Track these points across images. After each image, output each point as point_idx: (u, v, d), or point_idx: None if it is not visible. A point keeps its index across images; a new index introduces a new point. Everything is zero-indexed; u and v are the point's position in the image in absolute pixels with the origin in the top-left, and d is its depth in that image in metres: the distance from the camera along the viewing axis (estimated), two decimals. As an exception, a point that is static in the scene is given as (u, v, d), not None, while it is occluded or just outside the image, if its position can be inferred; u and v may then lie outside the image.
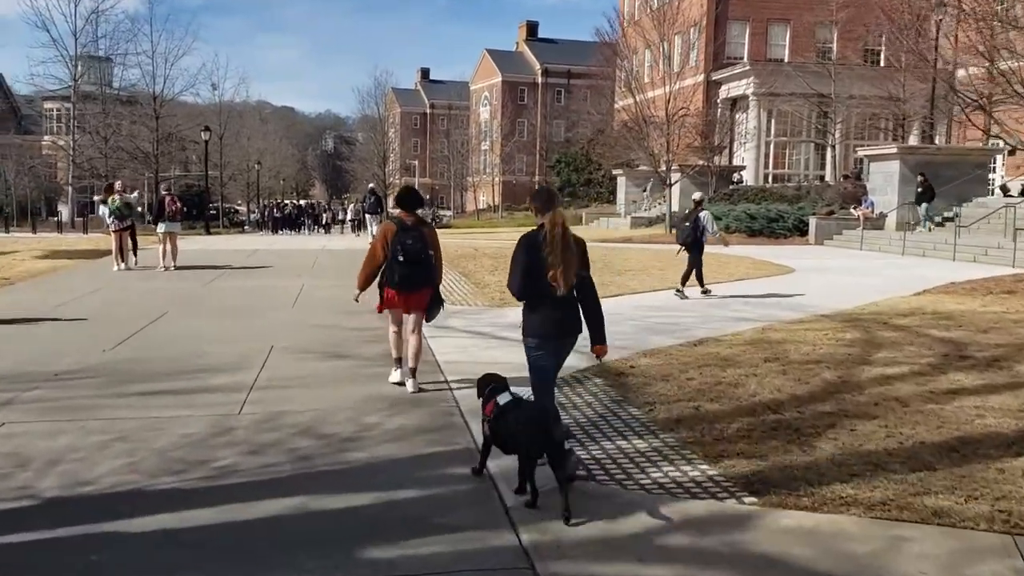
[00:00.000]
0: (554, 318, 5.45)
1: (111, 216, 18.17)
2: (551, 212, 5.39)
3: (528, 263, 5.35)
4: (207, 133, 41.78)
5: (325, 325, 11.33)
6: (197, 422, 6.63)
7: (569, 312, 5.49)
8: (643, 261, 21.19)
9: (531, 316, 5.53)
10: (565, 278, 5.29)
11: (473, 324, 11.19)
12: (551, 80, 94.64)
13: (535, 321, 5.51)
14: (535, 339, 5.56)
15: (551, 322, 5.47)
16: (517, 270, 5.42)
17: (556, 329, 5.50)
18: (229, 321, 11.69)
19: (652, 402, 7.20)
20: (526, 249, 5.40)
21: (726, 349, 9.53)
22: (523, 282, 5.40)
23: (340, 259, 21.80)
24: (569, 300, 5.44)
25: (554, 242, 5.27)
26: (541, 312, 5.47)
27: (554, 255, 5.26)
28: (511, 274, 5.51)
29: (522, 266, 5.38)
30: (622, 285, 15.82)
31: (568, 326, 5.55)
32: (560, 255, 5.27)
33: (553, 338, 5.55)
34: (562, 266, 5.27)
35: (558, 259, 5.26)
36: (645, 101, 33.87)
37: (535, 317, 5.51)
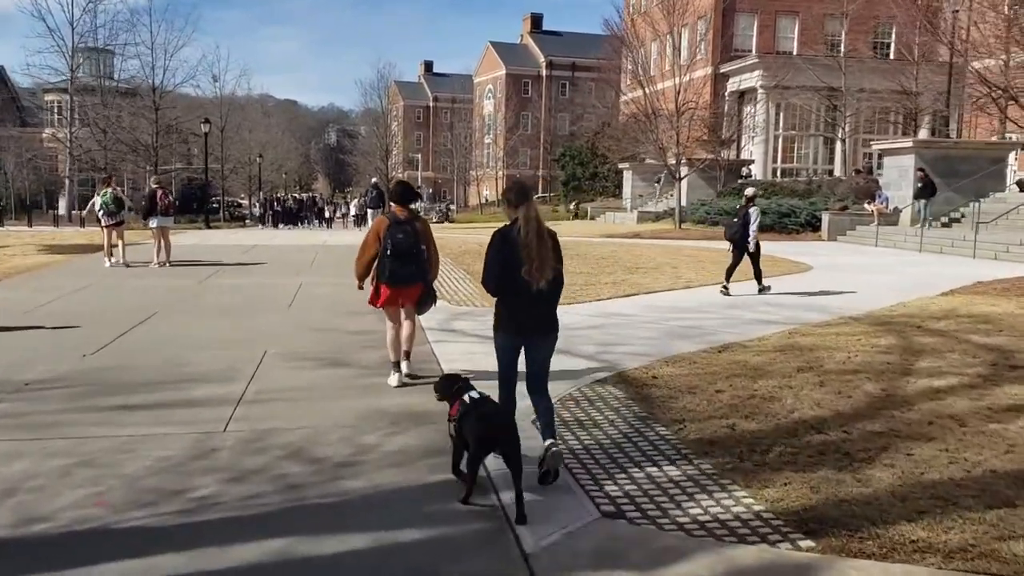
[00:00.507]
0: (529, 314, 5.31)
1: (100, 210, 17.46)
2: (525, 206, 5.27)
3: (503, 259, 5.23)
4: (207, 125, 41.04)
5: (322, 328, 10.64)
6: (176, 442, 5.95)
7: (545, 308, 5.35)
8: (654, 258, 20.48)
9: (504, 312, 5.40)
10: (542, 273, 5.18)
11: (480, 327, 10.47)
12: (555, 73, 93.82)
13: (508, 317, 5.38)
14: (506, 335, 5.44)
15: (525, 318, 5.33)
16: (492, 266, 5.31)
17: (528, 325, 5.37)
18: (221, 323, 11.01)
19: (681, 419, 6.50)
20: (500, 244, 5.28)
21: (754, 356, 8.83)
22: (499, 278, 5.29)
23: (340, 255, 21.08)
24: (544, 296, 5.29)
25: (529, 237, 5.16)
26: (515, 308, 5.33)
27: (529, 250, 5.14)
28: (485, 270, 5.38)
29: (497, 262, 5.26)
30: (636, 284, 15.11)
31: (544, 323, 5.40)
32: (536, 250, 5.16)
33: (523, 334, 5.41)
34: (538, 261, 5.16)
35: (534, 254, 5.15)
36: (654, 93, 33.05)
37: (508, 313, 5.37)
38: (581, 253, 21.68)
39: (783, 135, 49.32)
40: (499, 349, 5.52)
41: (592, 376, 7.97)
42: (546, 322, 5.41)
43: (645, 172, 50.79)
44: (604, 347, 9.39)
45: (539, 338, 5.45)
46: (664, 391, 7.39)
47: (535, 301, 5.27)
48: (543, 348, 5.51)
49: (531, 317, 5.32)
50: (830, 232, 29.56)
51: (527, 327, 5.37)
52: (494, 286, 5.36)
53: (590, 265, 18.36)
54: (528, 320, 5.33)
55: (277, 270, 17.64)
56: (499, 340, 5.49)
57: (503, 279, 5.27)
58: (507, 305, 5.37)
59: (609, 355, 8.97)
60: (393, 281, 7.50)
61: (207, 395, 7.23)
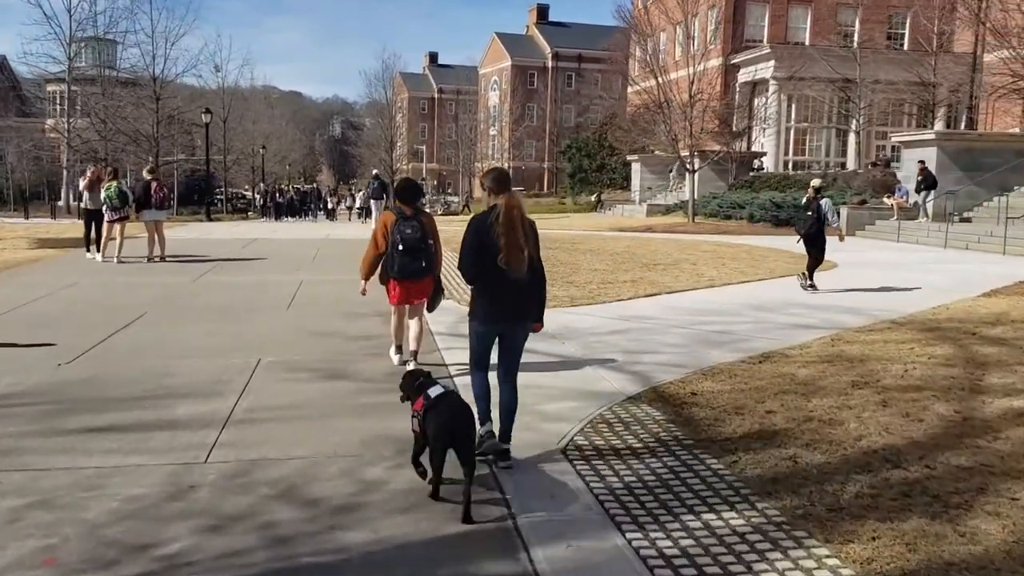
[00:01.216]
0: (504, 302, 5.28)
1: (103, 204, 16.60)
2: (505, 194, 5.25)
3: (478, 244, 5.22)
4: (208, 115, 40.10)
5: (323, 332, 9.79)
6: (149, 476, 5.11)
7: (520, 296, 5.30)
8: (671, 253, 19.60)
9: (480, 299, 5.37)
10: (517, 261, 5.15)
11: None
12: (562, 64, 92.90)
13: (483, 304, 5.36)
14: (480, 322, 5.40)
15: (500, 306, 5.31)
16: (468, 253, 5.30)
17: (504, 313, 5.33)
18: (213, 326, 10.15)
19: (733, 448, 5.64)
20: (476, 231, 5.26)
21: (800, 368, 7.96)
22: (474, 265, 5.28)
23: (344, 249, 20.23)
24: (520, 284, 5.25)
25: (506, 223, 5.13)
26: (490, 295, 5.31)
27: (506, 237, 5.12)
28: (461, 257, 5.36)
29: (473, 249, 5.25)
30: (656, 282, 14.23)
31: (518, 310, 5.36)
32: (512, 237, 5.13)
33: (499, 322, 5.37)
34: (513, 248, 5.13)
35: (510, 241, 5.12)
36: (667, 83, 32.11)
37: (483, 300, 5.35)
38: (594, 248, 20.81)
39: (795, 127, 48.36)
40: (473, 336, 5.49)
41: (623, 392, 7.11)
42: (520, 311, 5.35)
43: (654, 164, 49.86)
44: (631, 356, 8.53)
45: (513, 327, 5.41)
46: (707, 411, 6.52)
47: (510, 289, 5.22)
48: (517, 337, 5.46)
49: (505, 305, 5.28)
50: (848, 227, 28.58)
51: (501, 315, 5.33)
52: (470, 273, 5.33)
53: (605, 261, 17.49)
54: (502, 308, 5.30)
55: (277, 266, 16.79)
56: (473, 327, 5.46)
57: (478, 266, 5.24)
58: (481, 292, 5.34)
59: (638, 366, 8.12)
60: (403, 275, 7.50)
61: (190, 414, 6.38)
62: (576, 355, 8.60)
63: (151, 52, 44.16)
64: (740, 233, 28.68)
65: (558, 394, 7.01)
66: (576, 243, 22.50)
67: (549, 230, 29.71)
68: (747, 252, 20.34)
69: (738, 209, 34.92)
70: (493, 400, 5.49)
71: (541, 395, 6.95)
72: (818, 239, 13.67)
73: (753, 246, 22.32)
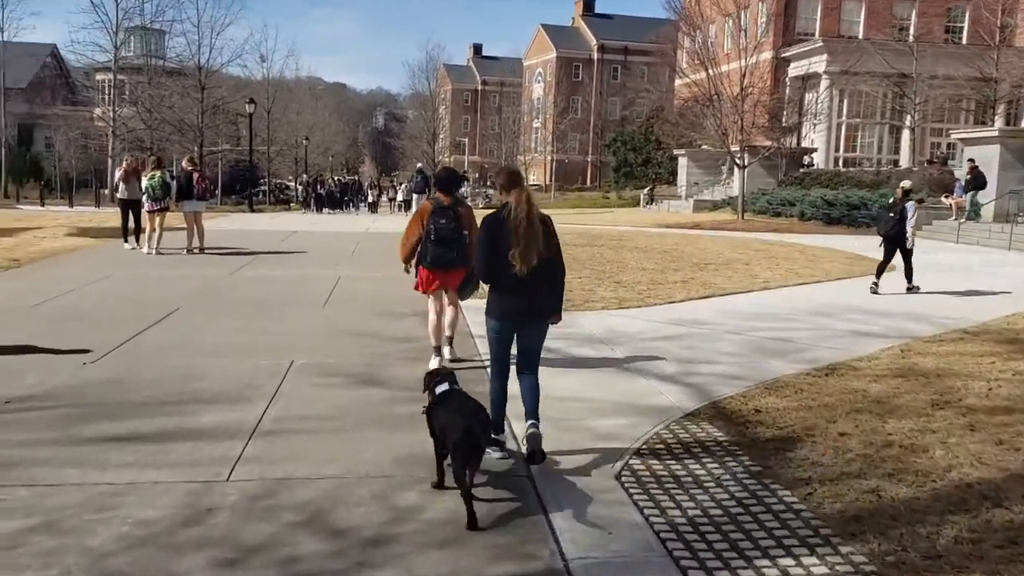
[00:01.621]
0: (518, 300, 5.22)
1: (144, 194, 16.36)
2: (517, 190, 5.23)
3: (492, 241, 5.18)
4: (251, 106, 40.01)
5: (360, 332, 9.34)
6: (164, 495, 4.68)
7: (534, 295, 5.23)
8: (721, 252, 18.93)
9: (494, 297, 5.33)
10: (527, 258, 5.09)
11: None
12: (607, 57, 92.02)
13: (497, 302, 5.31)
14: (495, 321, 5.34)
15: (514, 304, 5.25)
16: (481, 250, 5.27)
17: (518, 311, 5.26)
18: (247, 322, 9.76)
19: (807, 478, 5.07)
20: (489, 228, 5.25)
21: (870, 383, 7.34)
22: (488, 263, 5.22)
23: (384, 244, 19.83)
24: (535, 282, 5.19)
25: (519, 220, 5.11)
26: (504, 293, 5.26)
27: (517, 234, 5.10)
28: (475, 255, 5.39)
29: (486, 246, 5.22)
30: (707, 283, 13.61)
31: (534, 307, 5.28)
32: (524, 234, 5.10)
33: (515, 319, 5.30)
34: (524, 244, 5.09)
35: (521, 238, 5.09)
36: (718, 75, 31.26)
37: (497, 298, 5.31)
38: (641, 246, 20.19)
39: (846, 123, 47.16)
40: (490, 333, 5.43)
41: (680, 407, 6.56)
42: (536, 307, 5.28)
43: (702, 159, 48.99)
44: (686, 365, 7.96)
45: (529, 324, 5.35)
46: (774, 432, 5.95)
47: (524, 286, 5.17)
48: (534, 335, 5.39)
49: (519, 303, 5.22)
50: (904, 227, 27.65)
51: (516, 313, 5.27)
52: (483, 271, 5.29)
53: (654, 260, 16.88)
54: (517, 305, 5.24)
55: (316, 260, 16.43)
56: (489, 325, 5.40)
57: (492, 263, 5.18)
58: (496, 290, 5.30)
59: (694, 377, 7.55)
60: (434, 265, 7.50)
61: (216, 423, 5.95)
62: (627, 363, 8.05)
63: (196, 41, 44.25)
64: (791, 231, 27.86)
65: (609, 408, 6.48)
66: (622, 240, 21.89)
67: (593, 225, 29.12)
68: (800, 252, 19.59)
69: (788, 206, 34.02)
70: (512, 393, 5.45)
71: (591, 409, 6.43)
72: (898, 240, 13.21)
73: (806, 245, 21.55)
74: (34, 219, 25.82)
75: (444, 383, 4.98)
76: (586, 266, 15.51)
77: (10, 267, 14.12)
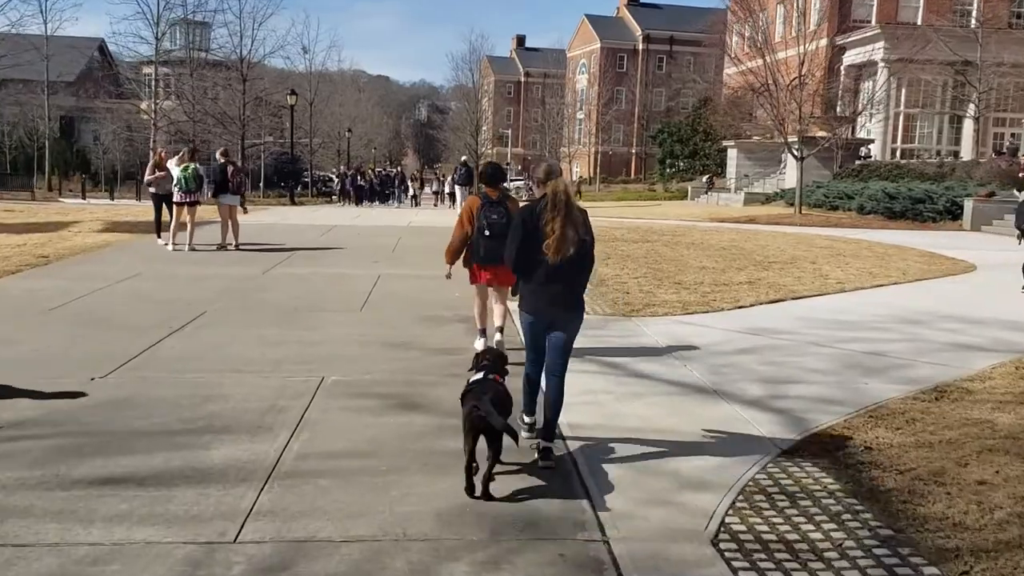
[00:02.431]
0: (551, 292, 5.12)
1: (176, 185, 15.62)
2: (554, 182, 5.16)
3: (526, 233, 5.11)
4: (293, 97, 39.40)
5: (399, 342, 8.43)
6: (156, 563, 3.79)
7: (567, 288, 5.15)
8: (784, 249, 17.77)
9: (527, 289, 5.25)
10: (562, 248, 4.99)
11: (598, 348, 8.12)
12: (652, 47, 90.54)
13: (530, 294, 5.24)
14: (528, 314, 5.28)
15: (546, 296, 5.14)
16: (514, 241, 5.20)
17: (554, 303, 5.16)
18: (276, 330, 8.90)
19: (954, 548, 4.02)
20: (523, 220, 5.19)
21: (994, 411, 6.25)
22: (519, 253, 5.15)
23: (426, 240, 18.97)
24: (568, 274, 5.12)
25: (557, 209, 5.02)
26: (536, 285, 5.17)
27: (554, 224, 5.00)
28: (508, 245, 5.29)
29: (519, 236, 5.15)
30: (776, 285, 12.51)
31: (569, 301, 5.18)
32: (562, 224, 5.00)
33: (549, 312, 5.19)
34: (560, 234, 4.99)
35: (558, 228, 4.99)
36: (775, 62, 29.91)
37: (530, 289, 5.22)
38: (697, 241, 19.08)
39: (904, 112, 45.40)
40: (523, 326, 5.40)
41: (775, 441, 5.55)
42: (568, 302, 5.18)
43: (752, 151, 47.57)
44: (772, 387, 6.93)
45: (561, 318, 5.20)
46: (895, 477, 4.91)
47: (557, 278, 5.08)
48: (565, 330, 5.23)
49: (552, 295, 5.12)
50: (973, 222, 26.19)
51: (548, 305, 5.16)
52: (516, 262, 5.20)
53: (713, 258, 15.78)
54: (551, 298, 5.13)
55: (354, 257, 15.58)
56: (523, 318, 5.36)
57: (523, 254, 5.12)
58: (530, 282, 5.20)
59: (784, 400, 6.53)
60: (487, 261, 7.33)
61: (228, 459, 5.06)
62: (703, 383, 7.04)
63: (239, 32, 43.73)
64: (852, 226, 26.51)
65: (693, 444, 5.49)
66: (676, 235, 20.79)
67: (642, 219, 28.00)
68: (868, 249, 18.36)
69: (846, 200, 32.62)
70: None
71: (669, 444, 5.44)
72: None
73: (872, 241, 20.29)
74: (72, 213, 25.37)
75: (482, 371, 5.03)
76: (642, 264, 14.48)
77: (38, 264, 13.45)
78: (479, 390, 4.80)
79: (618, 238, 19.39)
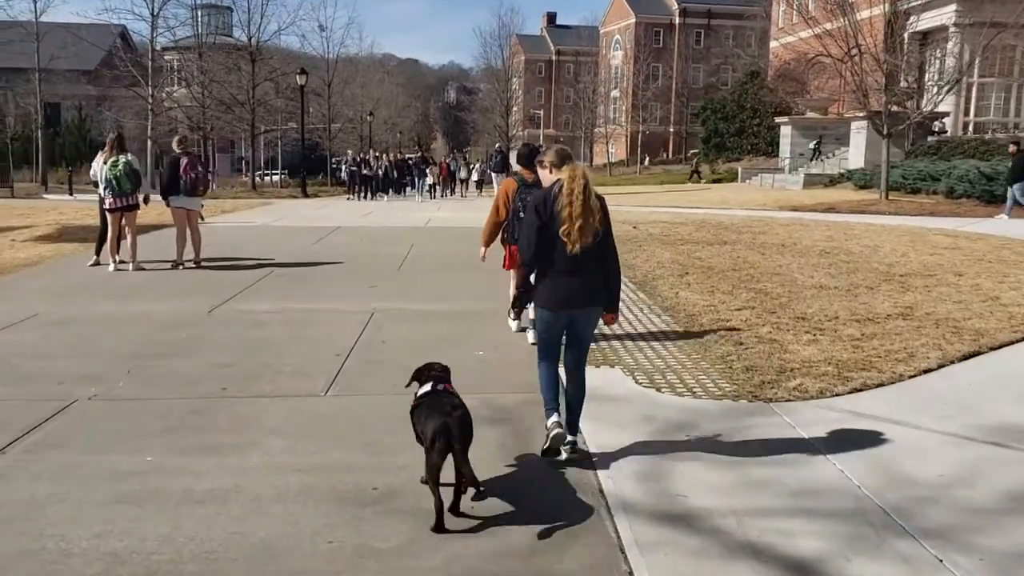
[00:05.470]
0: (569, 286, 4.77)
1: (104, 187, 11.98)
2: (569, 167, 4.79)
3: (540, 223, 4.70)
4: (303, 77, 35.60)
5: (367, 492, 4.65)
6: None
7: (586, 280, 4.78)
8: (904, 252, 13.76)
9: (543, 283, 4.85)
10: (583, 236, 4.63)
11: (749, 509, 4.30)
12: (689, 21, 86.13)
13: (549, 287, 4.82)
14: (546, 310, 4.86)
15: (565, 289, 4.78)
16: (529, 231, 4.78)
17: (573, 297, 4.78)
18: (157, 457, 5.11)
19: None
20: (535, 208, 4.78)
21: None
22: (536, 245, 4.73)
23: (445, 247, 15.20)
24: (587, 267, 4.75)
25: (574, 196, 4.63)
26: (554, 278, 4.79)
27: (572, 211, 4.61)
28: (521, 236, 4.96)
29: (534, 226, 4.73)
30: (942, 319, 8.50)
31: (587, 295, 4.81)
32: (581, 211, 4.61)
33: (567, 307, 4.80)
34: (580, 222, 4.61)
35: (577, 215, 4.61)
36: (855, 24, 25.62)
37: (549, 283, 4.82)
38: (786, 242, 15.12)
39: (978, 82, 41.00)
40: (539, 323, 5.01)
41: None
42: (589, 295, 4.83)
43: (809, 127, 43.32)
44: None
45: (579, 313, 4.84)
46: None
47: (575, 270, 4.73)
48: (585, 325, 4.92)
49: (573, 289, 4.77)
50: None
51: (569, 300, 4.79)
52: (530, 253, 4.78)
53: (823, 269, 11.82)
54: (569, 292, 4.77)
55: (346, 279, 11.79)
56: (539, 315, 4.99)
57: (539, 245, 4.73)
58: (546, 275, 4.81)
59: None
60: None
61: None
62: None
63: (246, 9, 40.07)
64: (951, 214, 22.41)
65: None
66: (754, 232, 16.84)
67: (698, 208, 24.00)
68: (1008, 248, 14.29)
69: (931, 182, 28.42)
70: None
71: None
72: None
73: (1003, 237, 16.15)
74: (37, 213, 21.87)
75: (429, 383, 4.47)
76: (736, 283, 10.61)
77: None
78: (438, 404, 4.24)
79: (686, 238, 15.48)
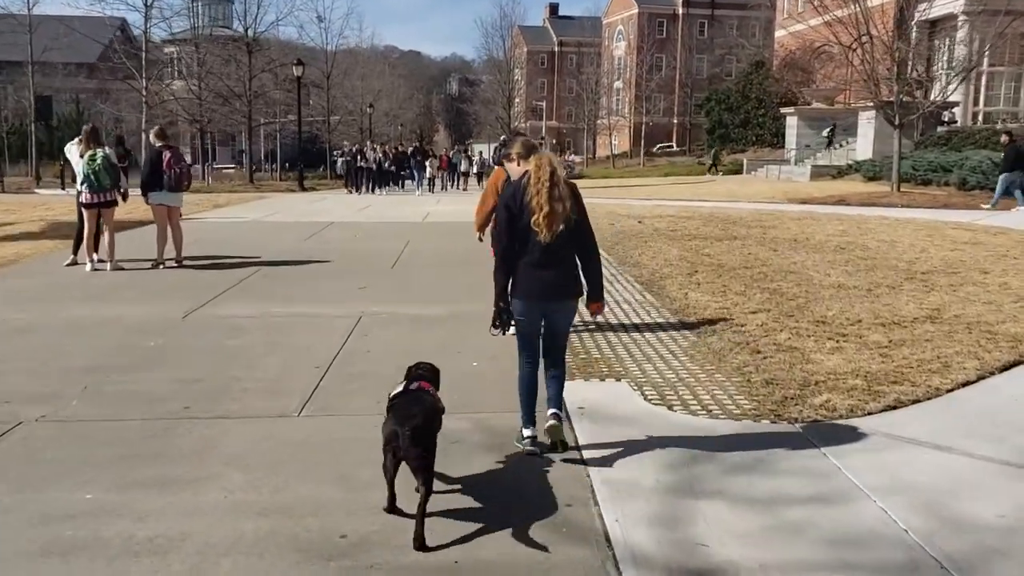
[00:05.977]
0: (544, 278, 4.71)
1: (82, 183, 11.38)
2: (536, 156, 4.81)
3: (510, 213, 4.69)
4: (299, 68, 34.93)
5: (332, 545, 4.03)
6: None
7: (561, 270, 4.75)
8: (923, 247, 13.12)
9: (519, 274, 4.75)
10: (552, 223, 4.59)
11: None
12: (693, 11, 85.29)
13: (523, 279, 4.74)
14: (521, 301, 4.77)
15: (539, 279, 4.71)
16: (502, 224, 4.76)
17: (547, 288, 4.72)
18: (95, 495, 4.52)
19: None
20: (507, 201, 4.75)
21: None
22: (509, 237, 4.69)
23: (443, 242, 14.58)
24: (561, 257, 4.73)
25: (541, 184, 4.61)
26: (527, 268, 4.72)
27: (540, 199, 4.58)
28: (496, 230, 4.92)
29: (506, 219, 4.71)
30: (973, 322, 7.85)
31: (560, 286, 4.76)
32: (548, 198, 4.58)
33: (543, 299, 4.75)
34: (549, 209, 4.57)
35: (545, 203, 4.57)
36: (866, 11, 24.91)
37: (522, 275, 4.74)
38: (798, 236, 14.49)
39: (987, 72, 40.28)
40: (516, 315, 4.83)
41: None
42: (563, 286, 4.77)
43: (816, 118, 42.61)
44: None
45: (555, 304, 4.81)
46: None
47: (548, 259, 4.67)
48: (560, 317, 4.89)
49: (544, 277, 4.70)
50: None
51: (541, 289, 4.72)
52: (504, 247, 4.73)
53: (839, 266, 11.18)
54: (543, 283, 4.71)
55: (335, 278, 11.14)
56: (515, 307, 4.81)
57: (512, 235, 4.68)
58: (520, 267, 4.72)
59: None
60: None
61: None
62: None
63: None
64: (964, 206, 21.76)
65: None
66: (764, 226, 16.19)
67: (704, 201, 23.35)
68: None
69: (942, 173, 27.75)
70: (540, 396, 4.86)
71: None
72: None
73: (1020, 230, 15.51)
74: (22, 209, 21.28)
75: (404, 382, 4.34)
76: (749, 283, 9.98)
77: None
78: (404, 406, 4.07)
79: (694, 233, 14.84)
